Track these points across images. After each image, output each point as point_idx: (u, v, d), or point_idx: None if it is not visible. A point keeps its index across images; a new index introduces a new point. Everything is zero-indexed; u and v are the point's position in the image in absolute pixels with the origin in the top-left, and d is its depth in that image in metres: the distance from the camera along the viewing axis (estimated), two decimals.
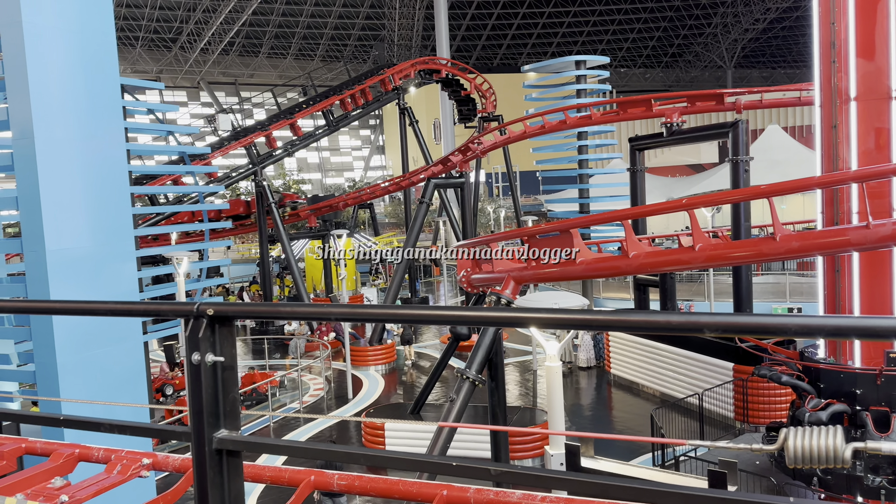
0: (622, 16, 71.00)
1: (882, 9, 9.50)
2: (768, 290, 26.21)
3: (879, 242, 6.71)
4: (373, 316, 1.85)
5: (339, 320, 1.82)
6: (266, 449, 2.16)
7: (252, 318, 3.62)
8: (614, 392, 19.18)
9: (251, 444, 1.95)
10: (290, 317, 1.96)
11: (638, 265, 8.08)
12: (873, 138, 9.72)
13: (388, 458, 1.96)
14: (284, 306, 2.04)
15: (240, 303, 3.43)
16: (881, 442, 1.55)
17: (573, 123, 21.36)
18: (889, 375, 9.46)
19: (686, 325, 1.66)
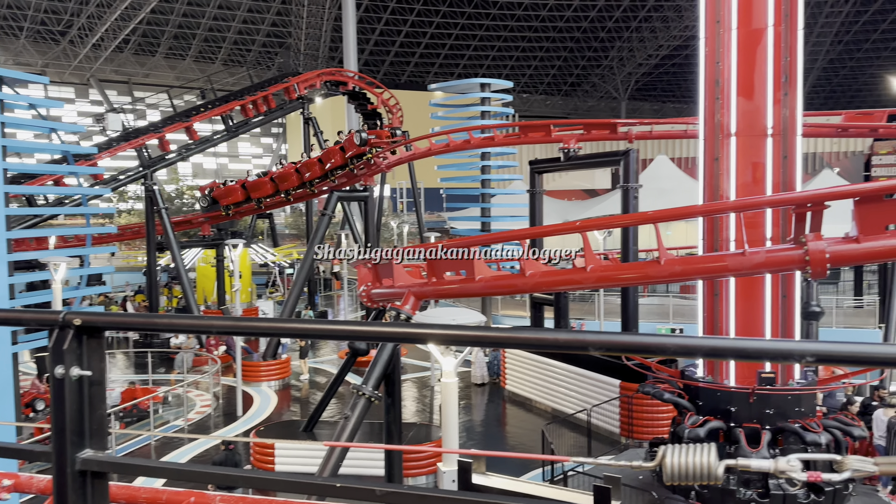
0: (526, 43, 73.35)
1: (761, 52, 10.27)
2: (653, 311, 27.56)
3: (754, 269, 7.18)
4: (255, 329, 1.77)
5: (221, 334, 1.73)
6: (135, 470, 2.01)
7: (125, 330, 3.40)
8: (509, 408, 19.50)
9: (118, 465, 1.81)
10: (167, 329, 1.84)
11: (534, 284, 8.27)
12: (750, 172, 10.43)
13: (267, 481, 1.87)
14: (161, 318, 1.91)
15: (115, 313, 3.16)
16: (751, 459, 1.62)
17: (477, 144, 21.75)
18: (761, 394, 10.12)
19: (574, 342, 1.69)
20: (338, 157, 23.84)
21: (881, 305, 23.08)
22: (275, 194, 26.31)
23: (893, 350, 1.68)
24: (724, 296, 10.62)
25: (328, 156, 24.28)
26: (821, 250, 6.42)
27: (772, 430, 9.96)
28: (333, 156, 24.01)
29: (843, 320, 26.17)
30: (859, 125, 17.07)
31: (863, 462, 1.47)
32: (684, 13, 65.07)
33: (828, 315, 22.41)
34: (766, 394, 10.13)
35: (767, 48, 10.26)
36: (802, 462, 1.57)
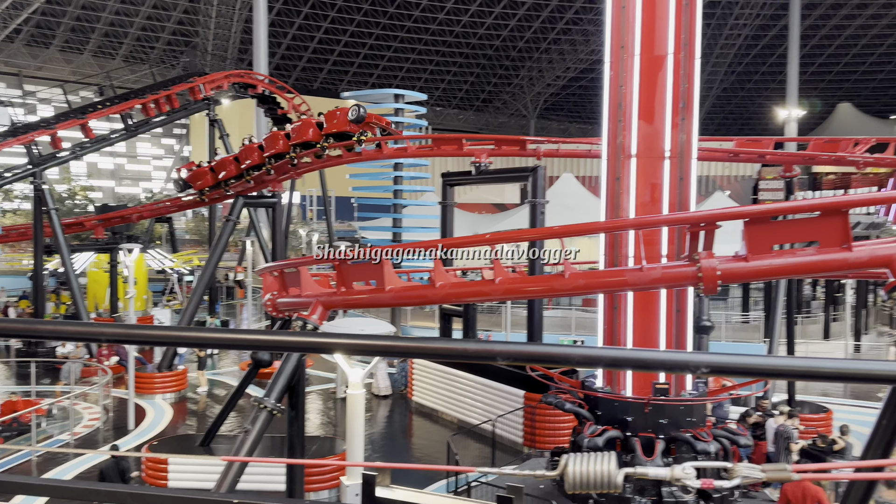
0: (440, 57, 74.13)
1: (661, 78, 10.81)
2: (557, 323, 28.31)
3: (650, 284, 7.50)
4: (149, 338, 1.67)
5: (112, 342, 1.62)
6: (12, 488, 1.85)
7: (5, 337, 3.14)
8: (415, 419, 19.46)
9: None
10: (52, 336, 1.71)
11: (444, 295, 8.31)
12: (649, 192, 10.93)
13: (158, 497, 1.76)
14: (45, 324, 1.77)
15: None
16: (647, 467, 1.68)
17: (389, 154, 21.70)
18: (655, 404, 10.57)
19: (482, 352, 1.70)
20: (311, 134, 19.47)
21: (766, 321, 24.67)
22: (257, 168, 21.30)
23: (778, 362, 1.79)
24: (622, 309, 11.05)
25: (301, 131, 19.77)
26: (713, 268, 6.79)
27: (665, 439, 10.42)
28: (305, 132, 19.58)
29: (731, 334, 27.79)
30: (749, 151, 18.24)
31: (751, 469, 1.55)
32: (591, 38, 67.74)
33: (717, 329, 23.75)
34: (661, 404, 10.60)
35: (667, 75, 10.81)
36: (696, 470, 1.64)
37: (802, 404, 18.23)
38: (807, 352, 23.85)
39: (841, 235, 6.46)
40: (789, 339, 18.41)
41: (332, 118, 19.16)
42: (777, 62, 69.85)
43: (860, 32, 70.43)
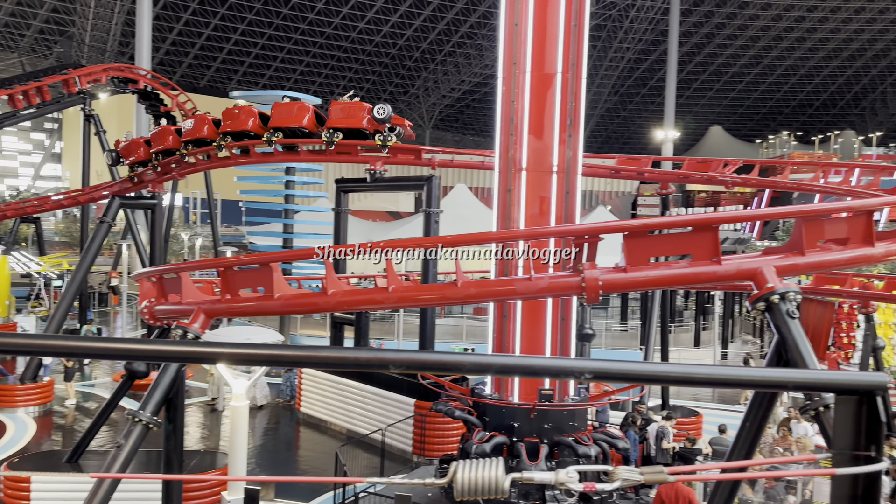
0: (335, 62, 73.39)
1: (551, 96, 11.21)
2: (449, 331, 28.61)
3: (538, 293, 7.74)
4: (9, 347, 1.52)
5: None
6: None
7: None
8: (302, 431, 19.01)
9: None
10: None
11: (335, 303, 8.18)
12: (538, 204, 11.29)
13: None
14: None
15: None
16: (533, 472, 1.73)
17: (280, 157, 21.18)
18: (540, 410, 10.89)
19: (375, 361, 1.68)
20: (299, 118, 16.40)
21: (642, 329, 26.07)
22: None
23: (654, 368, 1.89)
24: (511, 318, 11.33)
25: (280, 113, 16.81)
26: (595, 278, 7.10)
27: (549, 443, 10.75)
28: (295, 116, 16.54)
29: (610, 342, 29.14)
30: (629, 168, 19.25)
31: (630, 472, 1.62)
32: (485, 52, 69.34)
33: (598, 337, 24.83)
34: (545, 409, 10.93)
35: (556, 92, 11.23)
36: (578, 473, 1.70)
37: (675, 408, 19.37)
38: (679, 358, 25.42)
39: (711, 250, 6.93)
40: (663, 346, 19.56)
41: (352, 114, 16.38)
42: (656, 86, 74.36)
43: (730, 62, 76.29)
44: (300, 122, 16.48)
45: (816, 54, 73.55)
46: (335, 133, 16.47)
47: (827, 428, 5.65)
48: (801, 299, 6.47)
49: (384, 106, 15.93)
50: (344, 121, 16.25)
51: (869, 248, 7.06)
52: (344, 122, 16.26)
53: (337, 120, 16.42)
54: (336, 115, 16.39)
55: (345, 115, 16.23)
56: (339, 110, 16.42)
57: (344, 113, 16.26)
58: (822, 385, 1.77)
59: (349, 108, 16.27)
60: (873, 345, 15.87)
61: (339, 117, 16.36)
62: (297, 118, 16.44)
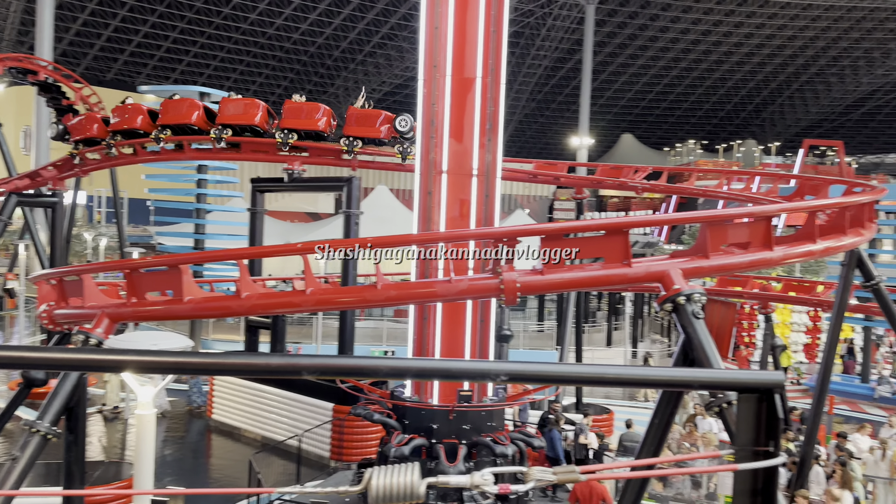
0: (251, 59, 71.58)
1: (471, 100, 11.31)
2: (369, 334, 28.41)
3: (458, 295, 7.79)
4: None
5: None
6: None
7: None
8: (215, 439, 18.41)
9: None
10: None
11: (250, 306, 7.94)
12: (458, 207, 11.37)
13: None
14: None
15: None
16: (449, 476, 1.72)
17: (192, 155, 20.43)
18: (459, 411, 10.96)
19: (286, 367, 1.63)
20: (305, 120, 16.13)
21: (558, 329, 26.70)
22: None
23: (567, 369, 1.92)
24: (432, 320, 11.36)
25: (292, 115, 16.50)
26: (513, 280, 7.20)
27: (467, 444, 10.83)
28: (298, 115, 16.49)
29: (528, 342, 29.71)
30: (546, 173, 19.69)
31: (544, 472, 1.64)
32: (406, 55, 69.37)
33: (516, 338, 25.28)
34: (464, 410, 11.01)
35: (476, 96, 11.35)
36: (494, 475, 1.71)
37: (588, 406, 19.94)
38: (592, 358, 26.20)
39: (622, 252, 7.17)
40: (578, 346, 20.11)
41: (364, 122, 16.31)
42: (571, 93, 76.43)
43: (641, 72, 79.37)
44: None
45: (721, 67, 77.61)
46: (354, 141, 16.33)
47: (730, 424, 5.94)
48: (706, 300, 6.78)
49: (407, 117, 15.75)
50: (362, 130, 16.36)
51: (768, 252, 7.49)
52: (362, 132, 16.38)
53: (355, 129, 16.46)
54: (353, 123, 16.49)
55: (362, 124, 16.36)
56: (356, 117, 16.49)
57: (361, 121, 16.34)
58: (726, 384, 1.85)
59: (365, 116, 16.35)
60: (772, 343, 16.84)
61: (355, 125, 16.50)
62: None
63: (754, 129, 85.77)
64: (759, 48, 73.53)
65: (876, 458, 14.28)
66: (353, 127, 16.55)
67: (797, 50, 73.76)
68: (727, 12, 67.79)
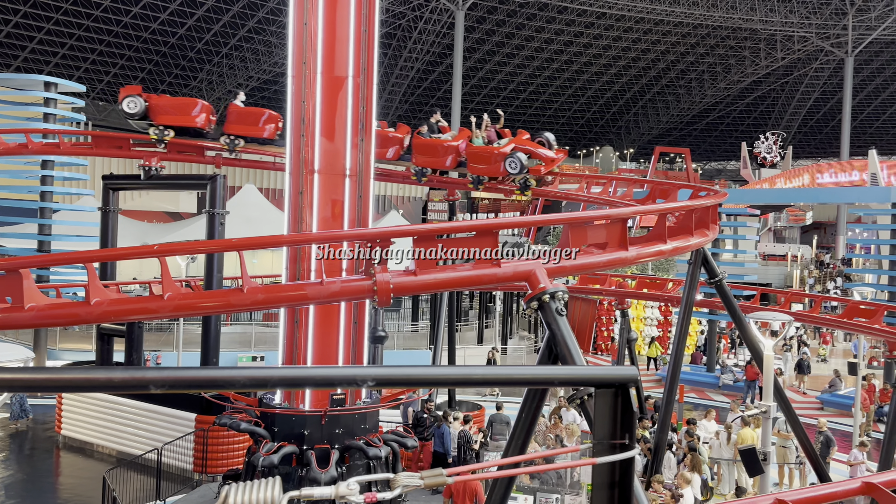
0: (105, 48, 66.76)
1: (342, 99, 11.16)
2: (236, 339, 27.30)
3: (331, 297, 7.64)
4: None
5: None
6: None
7: None
8: (63, 455, 16.99)
9: None
10: None
11: (101, 313, 7.37)
12: (331, 208, 11.18)
13: None
14: None
15: None
16: (313, 489, 1.66)
17: (37, 149, 18.72)
18: (332, 415, 10.77)
19: (132, 381, 1.49)
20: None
21: (431, 329, 26.98)
22: None
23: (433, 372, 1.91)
24: (304, 323, 11.08)
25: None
26: (386, 281, 7.18)
27: (340, 448, 10.67)
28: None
29: (402, 342, 29.80)
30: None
31: (411, 478, 1.62)
32: (274, 49, 67.47)
33: (391, 338, 25.28)
34: (337, 414, 10.84)
35: (348, 96, 11.21)
36: (359, 484, 1.67)
37: (461, 403, 20.31)
38: (465, 356, 26.69)
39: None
40: (451, 345, 20.42)
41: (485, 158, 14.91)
42: (443, 97, 77.67)
43: (509, 78, 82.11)
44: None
45: (582, 77, 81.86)
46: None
47: (590, 416, 6.25)
48: (569, 298, 7.08)
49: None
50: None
51: (624, 252, 7.95)
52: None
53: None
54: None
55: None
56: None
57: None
58: (584, 380, 1.92)
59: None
60: (627, 337, 17.93)
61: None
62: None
63: (611, 137, 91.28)
64: (615, 60, 78.34)
65: (721, 441, 15.59)
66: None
67: (650, 62, 79.38)
68: (587, 24, 71.66)
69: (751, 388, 23.45)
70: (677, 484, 12.12)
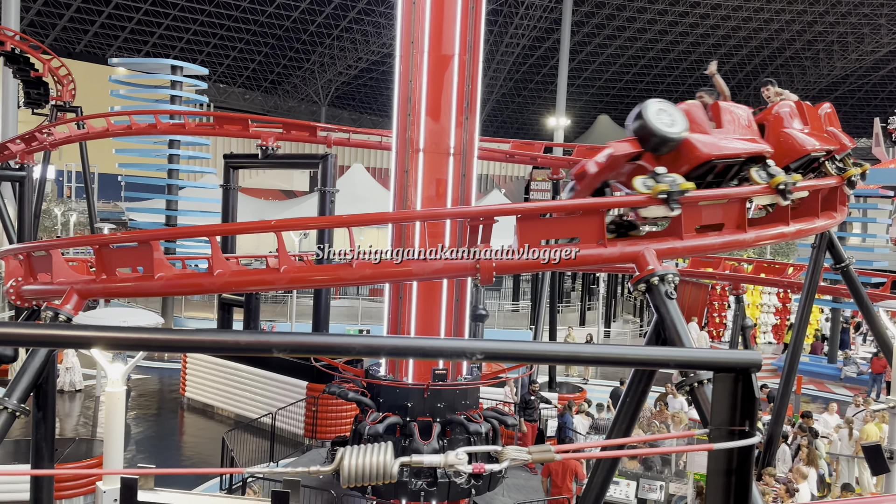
0: (225, 31, 70.15)
1: (448, 77, 11.20)
2: (344, 313, 28.33)
3: (433, 274, 7.75)
4: None
5: None
6: None
7: None
8: (187, 416, 18.31)
9: None
10: None
11: (222, 283, 7.83)
12: (435, 186, 11.30)
13: None
14: None
15: None
16: (423, 456, 1.71)
17: (164, 129, 20.05)
18: (434, 389, 10.99)
19: (256, 344, 1.58)
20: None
21: (532, 309, 26.86)
22: None
23: (543, 348, 1.90)
24: (407, 299, 11.33)
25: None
26: (489, 259, 7.19)
27: (441, 422, 10.88)
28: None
29: (503, 322, 29.88)
30: (523, 153, 19.66)
31: (519, 452, 1.63)
32: (383, 30, 68.50)
33: (491, 317, 25.40)
34: (439, 389, 11.05)
35: (454, 74, 11.23)
36: (468, 454, 1.69)
37: (561, 385, 20.15)
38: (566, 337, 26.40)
39: (598, 233, 7.18)
40: (552, 325, 20.25)
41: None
42: (549, 73, 76.30)
43: (619, 52, 79.40)
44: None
45: (698, 49, 77.95)
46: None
47: (700, 403, 6.02)
48: (679, 281, 6.82)
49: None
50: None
51: (741, 234, 7.55)
52: None
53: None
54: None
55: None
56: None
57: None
58: (702, 363, 1.85)
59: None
60: (742, 324, 17.11)
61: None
62: None
63: None
64: (735, 30, 74.00)
65: (842, 436, 14.66)
66: None
67: (773, 33, 74.35)
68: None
69: (876, 382, 21.84)
70: (793, 478, 11.52)
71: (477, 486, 10.61)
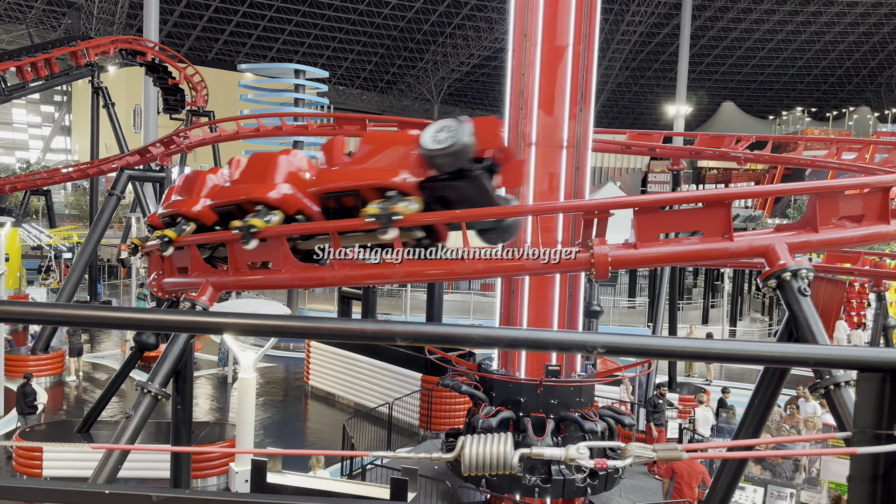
0: (343, 35, 72.70)
1: (562, 69, 11.03)
2: (456, 307, 28.65)
3: (546, 269, 7.67)
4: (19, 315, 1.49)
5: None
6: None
7: None
8: (311, 404, 19.18)
9: None
10: None
11: (342, 277, 8.14)
12: (547, 180, 11.19)
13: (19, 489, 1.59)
14: None
15: None
16: (543, 448, 1.69)
17: (289, 131, 21.07)
18: (547, 385, 10.89)
19: (380, 333, 1.64)
20: None
21: (650, 306, 25.99)
22: None
23: (669, 343, 1.84)
24: (519, 293, 11.29)
25: None
26: (604, 254, 7.01)
27: (555, 419, 10.77)
28: None
29: (618, 319, 29.11)
30: (640, 144, 19.05)
31: (643, 449, 1.59)
32: (495, 26, 68.50)
33: (606, 314, 24.80)
34: (552, 385, 10.94)
35: (567, 65, 11.05)
36: (589, 449, 1.67)
37: (682, 385, 19.38)
38: (688, 335, 25.33)
39: (723, 226, 6.83)
40: (672, 323, 19.50)
41: None
42: (668, 60, 73.38)
43: (745, 35, 75.08)
44: None
45: (832, 29, 72.29)
46: None
47: (838, 407, 5.60)
48: (813, 277, 6.37)
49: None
50: None
51: (884, 226, 6.94)
52: None
53: None
54: None
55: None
56: None
57: None
58: (847, 362, 1.72)
59: None
60: (884, 324, 15.77)
61: None
62: None
63: (868, 96, 79.63)
64: (874, 7, 67.92)
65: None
66: None
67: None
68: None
69: None
70: None
71: (593, 485, 10.43)
